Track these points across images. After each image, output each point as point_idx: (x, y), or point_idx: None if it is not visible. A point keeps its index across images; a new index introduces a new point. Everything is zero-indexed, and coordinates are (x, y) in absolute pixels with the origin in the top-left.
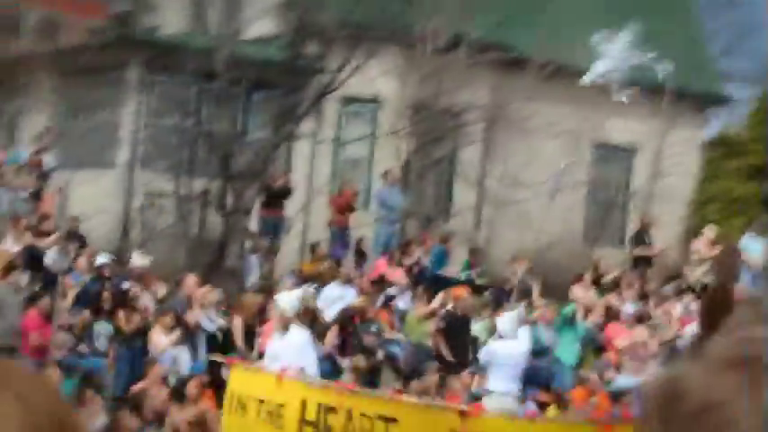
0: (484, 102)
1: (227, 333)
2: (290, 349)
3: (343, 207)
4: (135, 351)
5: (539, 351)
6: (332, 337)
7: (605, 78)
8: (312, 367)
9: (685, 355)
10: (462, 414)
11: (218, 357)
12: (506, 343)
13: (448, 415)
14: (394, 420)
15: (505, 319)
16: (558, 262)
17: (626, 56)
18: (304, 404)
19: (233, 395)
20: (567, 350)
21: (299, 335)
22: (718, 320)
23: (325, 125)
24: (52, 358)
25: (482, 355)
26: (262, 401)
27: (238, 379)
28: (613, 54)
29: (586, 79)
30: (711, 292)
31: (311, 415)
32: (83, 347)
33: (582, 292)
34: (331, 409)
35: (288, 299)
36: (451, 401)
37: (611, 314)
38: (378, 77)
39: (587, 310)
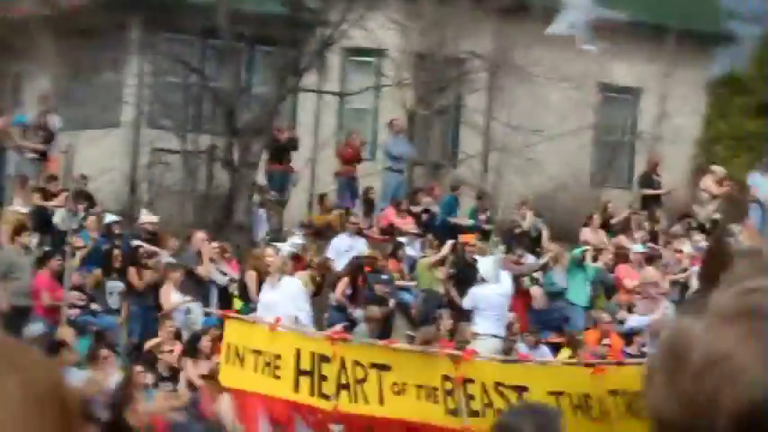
0: (487, 49)
1: (242, 286)
2: (283, 298)
3: (350, 158)
4: (147, 308)
5: (553, 293)
6: (342, 287)
7: (570, 31)
8: (305, 316)
9: (687, 310)
10: (455, 359)
11: (212, 311)
12: (489, 287)
13: (441, 360)
14: (387, 368)
15: (487, 263)
16: (566, 205)
17: (587, 6)
18: (298, 354)
19: (230, 347)
20: (578, 292)
21: (291, 284)
22: (717, 274)
23: (329, 78)
24: (65, 317)
25: (466, 300)
26: (258, 352)
27: (234, 331)
28: (576, 5)
29: (551, 31)
30: (709, 246)
31: (306, 364)
32: (95, 306)
33: (591, 235)
34: (325, 358)
35: (279, 249)
36: (445, 347)
37: (621, 255)
38: (380, 28)
39: (597, 252)
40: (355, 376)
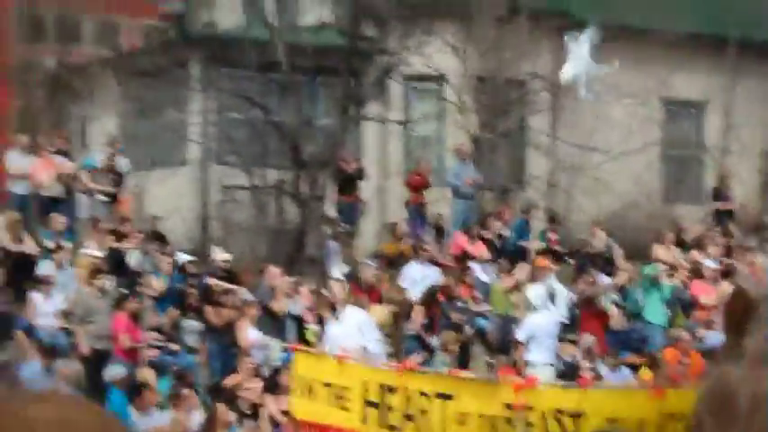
0: (547, 69)
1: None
2: (349, 330)
3: (419, 185)
4: (225, 345)
5: (632, 314)
6: (419, 316)
7: (576, 82)
8: (374, 345)
9: (724, 358)
10: (517, 387)
11: (282, 344)
12: (543, 314)
13: (502, 388)
14: (450, 397)
15: (535, 292)
16: (637, 223)
17: (588, 56)
18: (366, 385)
19: (300, 379)
20: (654, 311)
21: (355, 315)
22: (743, 323)
23: (392, 106)
24: (144, 359)
25: (521, 331)
26: (328, 385)
27: (303, 364)
28: (578, 55)
29: (563, 81)
30: (731, 298)
31: (373, 396)
32: (173, 346)
33: (664, 252)
34: (391, 389)
35: (340, 283)
36: (506, 374)
37: (696, 271)
38: (438, 53)
39: (671, 270)
40: (420, 407)
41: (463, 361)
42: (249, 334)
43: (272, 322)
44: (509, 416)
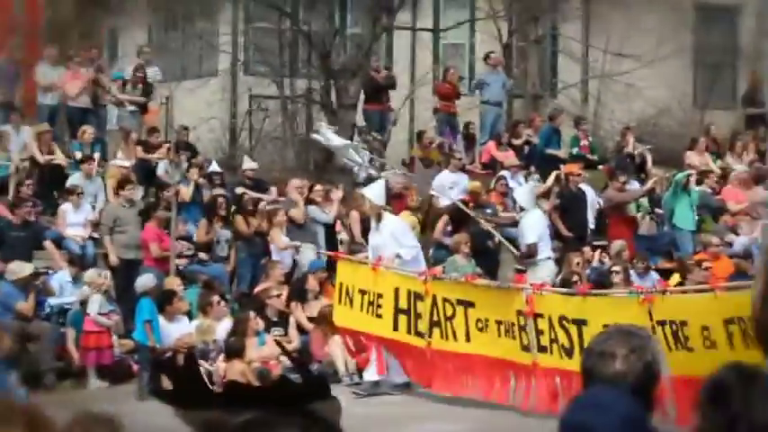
0: None
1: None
2: (387, 238)
3: (448, 94)
4: (255, 254)
5: (662, 220)
6: (442, 225)
7: None
8: (407, 252)
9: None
10: (527, 293)
11: (324, 252)
12: (536, 213)
13: (515, 295)
14: (472, 304)
15: (522, 191)
16: (669, 129)
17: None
18: (397, 293)
19: (341, 288)
20: (684, 216)
21: (391, 222)
22: None
23: (423, 15)
24: (173, 268)
25: (531, 233)
26: (364, 292)
27: (344, 272)
28: None
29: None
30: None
31: (403, 303)
32: (203, 255)
33: (696, 158)
34: (419, 296)
35: (374, 189)
36: (519, 282)
37: (727, 176)
38: None
39: (702, 175)
40: (445, 313)
41: (492, 268)
42: (281, 240)
43: (300, 231)
44: (522, 322)
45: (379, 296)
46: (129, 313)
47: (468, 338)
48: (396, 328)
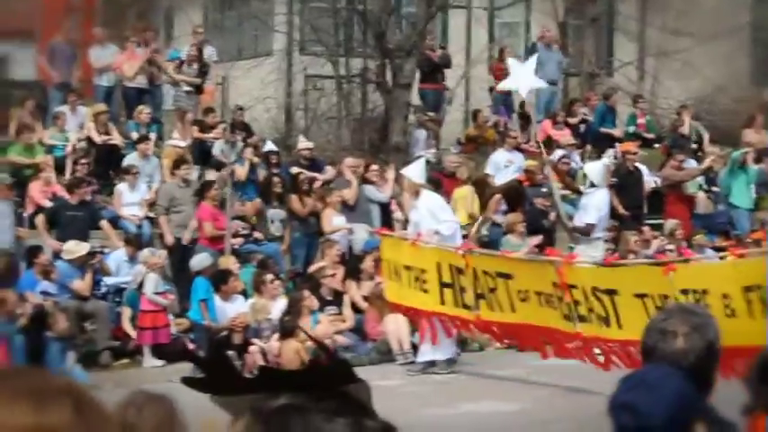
0: None
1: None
2: (425, 214)
3: (504, 73)
4: (310, 234)
5: (719, 198)
6: (495, 204)
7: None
8: (447, 227)
9: None
10: (557, 266)
11: (367, 229)
12: (597, 192)
13: (548, 268)
14: (510, 276)
15: (593, 168)
16: (726, 107)
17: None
18: (439, 267)
19: (388, 263)
20: (741, 195)
21: (428, 199)
22: None
23: None
24: (229, 247)
25: (593, 213)
26: (409, 268)
27: (389, 248)
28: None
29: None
30: None
31: (447, 277)
32: (258, 234)
33: (754, 136)
34: (460, 270)
35: (413, 168)
36: (550, 254)
37: None
38: None
39: (761, 153)
40: (488, 285)
41: (547, 246)
42: (334, 220)
43: (355, 211)
44: (559, 294)
45: (423, 271)
46: (185, 293)
47: (512, 309)
48: (443, 302)
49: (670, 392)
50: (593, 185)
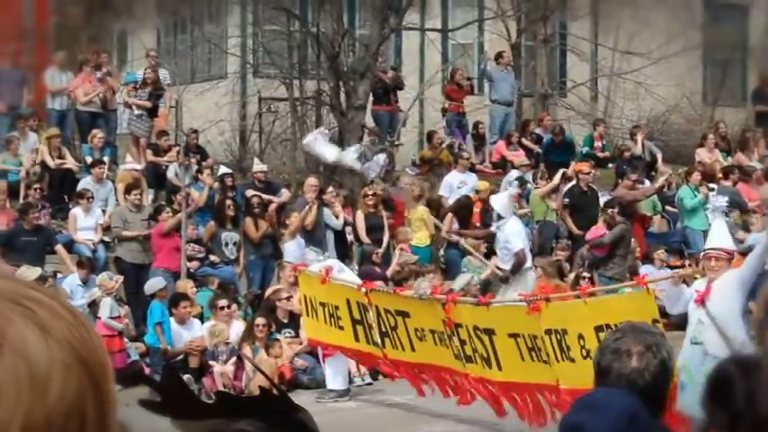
0: None
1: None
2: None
3: (457, 94)
4: (265, 257)
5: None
6: (448, 222)
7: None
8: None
9: None
10: (443, 305)
11: (285, 263)
12: (516, 222)
13: (436, 306)
14: (407, 315)
15: (500, 200)
16: (679, 127)
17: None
18: (349, 304)
19: (306, 300)
20: (695, 215)
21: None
22: None
23: (431, 15)
24: (184, 270)
25: (518, 241)
26: (323, 305)
27: (305, 284)
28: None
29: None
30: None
31: (356, 314)
32: (213, 257)
33: (706, 155)
34: (365, 308)
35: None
36: (435, 293)
37: (742, 173)
38: None
39: (710, 173)
40: (389, 324)
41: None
42: (288, 245)
43: (310, 234)
44: (448, 332)
45: (336, 308)
46: (142, 316)
47: (412, 348)
48: (357, 339)
49: (616, 412)
50: (500, 218)
